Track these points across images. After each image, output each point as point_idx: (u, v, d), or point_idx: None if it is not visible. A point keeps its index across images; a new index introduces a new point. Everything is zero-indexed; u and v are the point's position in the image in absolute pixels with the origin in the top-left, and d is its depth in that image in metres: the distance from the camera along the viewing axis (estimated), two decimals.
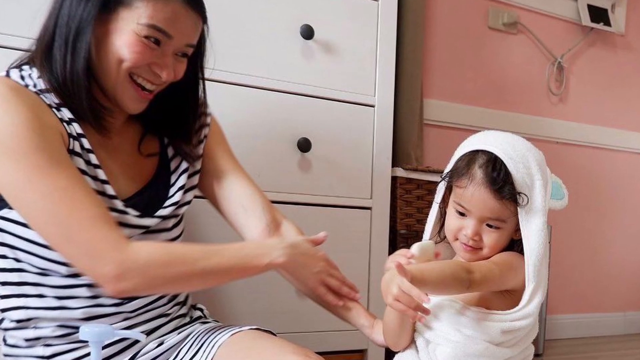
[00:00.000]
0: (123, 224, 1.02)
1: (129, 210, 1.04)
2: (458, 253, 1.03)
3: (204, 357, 1.04)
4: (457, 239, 1.00)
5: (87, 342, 0.83)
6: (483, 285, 0.94)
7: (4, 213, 0.97)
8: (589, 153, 2.90)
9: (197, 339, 1.09)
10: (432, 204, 1.08)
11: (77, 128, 1.00)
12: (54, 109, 0.98)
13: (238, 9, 1.57)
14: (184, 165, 1.16)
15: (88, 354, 1.01)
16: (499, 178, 0.95)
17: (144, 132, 1.15)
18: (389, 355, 1.23)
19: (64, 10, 0.99)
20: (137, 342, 1.05)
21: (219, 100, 1.40)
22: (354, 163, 1.74)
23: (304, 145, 1.64)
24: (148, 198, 1.09)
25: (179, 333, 1.11)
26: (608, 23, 2.83)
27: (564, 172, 1.25)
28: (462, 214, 0.99)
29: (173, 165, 1.16)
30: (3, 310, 1.02)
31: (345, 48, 1.72)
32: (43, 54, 1.00)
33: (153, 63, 1.02)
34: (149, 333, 1.07)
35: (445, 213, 1.04)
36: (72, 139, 0.98)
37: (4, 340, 1.05)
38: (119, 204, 1.03)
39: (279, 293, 1.57)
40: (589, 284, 2.94)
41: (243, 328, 1.09)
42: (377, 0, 1.78)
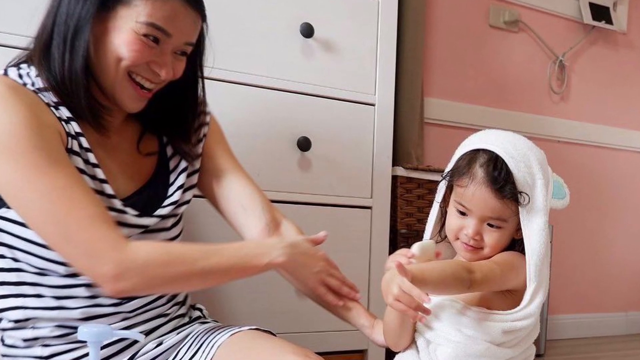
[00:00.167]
0: (122, 224, 1.01)
1: (128, 210, 1.04)
2: (459, 253, 1.02)
3: (203, 357, 1.03)
4: (458, 239, 1.00)
5: (85, 342, 0.82)
6: (484, 285, 0.94)
7: (2, 212, 0.97)
8: (591, 152, 2.89)
9: (196, 339, 1.08)
10: (432, 204, 1.07)
11: (75, 127, 0.99)
12: (52, 108, 0.98)
13: (237, 7, 1.56)
14: (183, 164, 1.16)
15: (86, 354, 1.00)
16: (500, 177, 0.95)
17: (143, 131, 1.15)
18: (389, 356, 1.22)
19: (63, 9, 0.98)
20: (135, 342, 1.04)
21: (219, 99, 1.40)
22: (354, 162, 1.74)
23: (304, 144, 1.64)
24: (147, 197, 1.09)
25: (178, 333, 1.10)
26: (610, 21, 2.82)
27: (566, 171, 1.25)
28: (463, 214, 0.98)
29: (172, 164, 1.15)
30: (1, 310, 1.02)
31: (346, 46, 1.72)
32: (41, 53, 1.00)
33: (152, 61, 1.02)
34: (148, 333, 1.07)
35: (446, 212, 1.03)
36: (70, 138, 0.98)
37: (2, 341, 1.05)
38: (118, 203, 1.03)
39: (279, 293, 1.57)
40: (591, 284, 2.94)
41: (242, 328, 1.08)
42: None
